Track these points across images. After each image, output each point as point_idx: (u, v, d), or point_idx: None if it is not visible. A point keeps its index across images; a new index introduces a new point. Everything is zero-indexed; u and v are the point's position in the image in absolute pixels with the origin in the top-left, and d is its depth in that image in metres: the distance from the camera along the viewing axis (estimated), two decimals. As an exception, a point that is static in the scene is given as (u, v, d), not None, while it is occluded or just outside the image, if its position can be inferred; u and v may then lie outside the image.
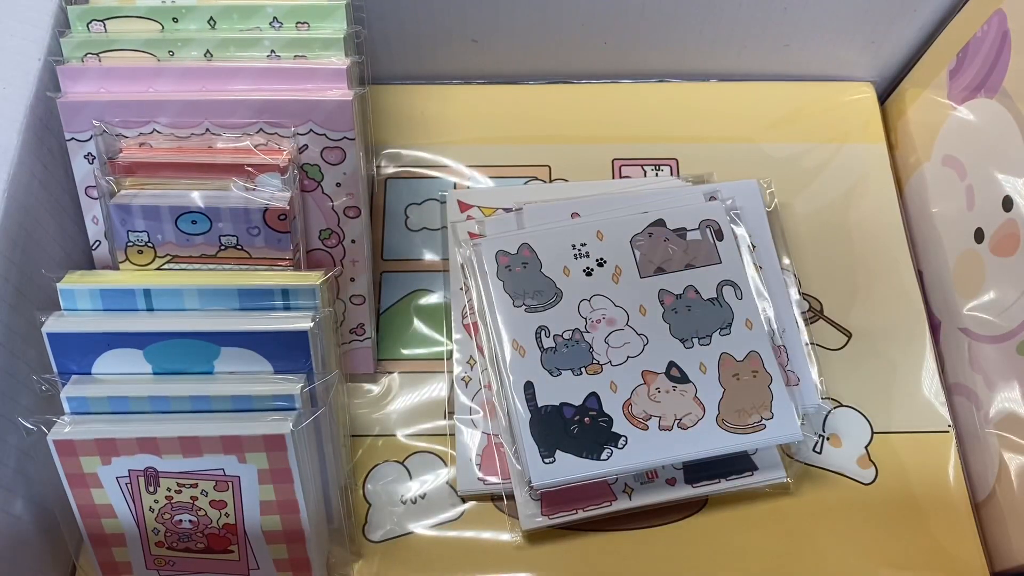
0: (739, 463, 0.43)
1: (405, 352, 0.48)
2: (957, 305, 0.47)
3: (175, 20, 0.41)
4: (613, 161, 0.53)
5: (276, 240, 0.40)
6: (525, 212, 0.47)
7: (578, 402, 0.42)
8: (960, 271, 0.47)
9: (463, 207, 0.49)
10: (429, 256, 0.50)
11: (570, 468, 0.41)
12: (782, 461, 0.43)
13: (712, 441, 0.41)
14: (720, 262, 0.44)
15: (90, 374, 0.38)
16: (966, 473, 0.45)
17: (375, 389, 0.47)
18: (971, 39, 0.47)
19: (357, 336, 0.47)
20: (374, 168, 0.53)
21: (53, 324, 0.37)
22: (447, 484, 0.45)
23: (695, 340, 0.43)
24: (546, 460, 0.41)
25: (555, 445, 0.41)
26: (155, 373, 0.38)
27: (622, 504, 0.42)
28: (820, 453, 0.45)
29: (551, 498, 0.42)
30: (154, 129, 0.40)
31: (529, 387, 0.42)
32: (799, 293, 0.48)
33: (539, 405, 0.42)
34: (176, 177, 0.40)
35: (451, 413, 0.46)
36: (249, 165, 0.39)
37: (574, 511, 0.42)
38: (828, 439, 0.46)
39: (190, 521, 0.38)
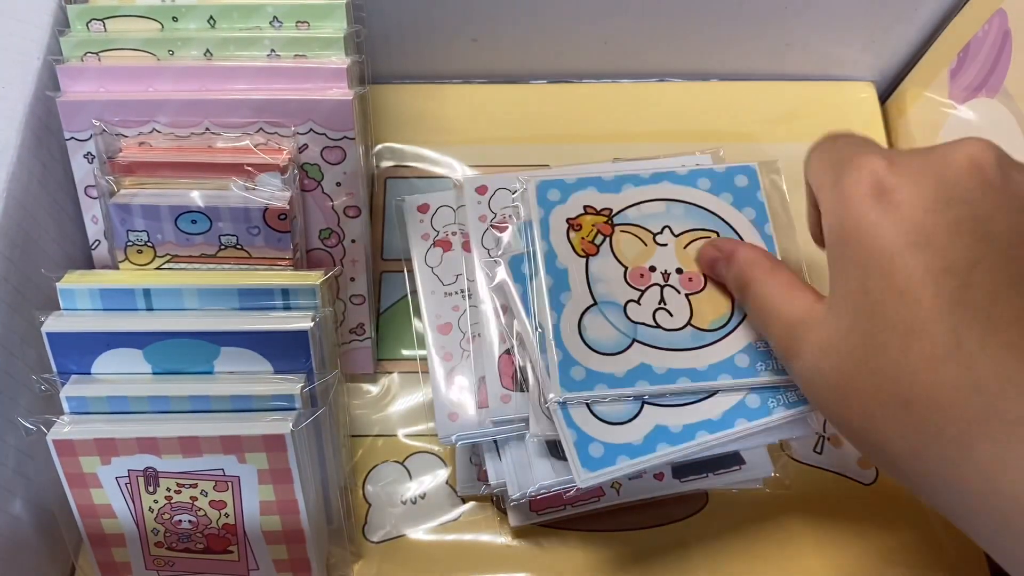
0: (728, 459, 0.42)
1: (405, 352, 0.48)
2: (958, 305, 0.46)
3: (175, 19, 0.41)
4: (614, 160, 0.53)
5: (276, 240, 0.40)
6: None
7: None
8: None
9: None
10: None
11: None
12: (770, 457, 0.43)
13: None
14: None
15: (90, 374, 0.38)
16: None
17: (375, 389, 0.47)
18: (972, 39, 0.47)
19: (357, 336, 0.47)
20: (374, 167, 0.53)
21: (52, 324, 0.37)
22: (447, 484, 0.45)
23: None
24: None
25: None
26: (155, 373, 0.38)
27: (610, 500, 0.42)
28: (820, 453, 0.45)
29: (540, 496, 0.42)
30: (154, 128, 0.40)
31: None
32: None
33: None
34: (176, 176, 0.40)
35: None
36: (249, 164, 0.39)
37: (562, 507, 0.42)
38: (828, 439, 0.45)
39: (190, 521, 0.38)
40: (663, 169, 0.40)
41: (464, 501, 0.44)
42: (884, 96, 0.56)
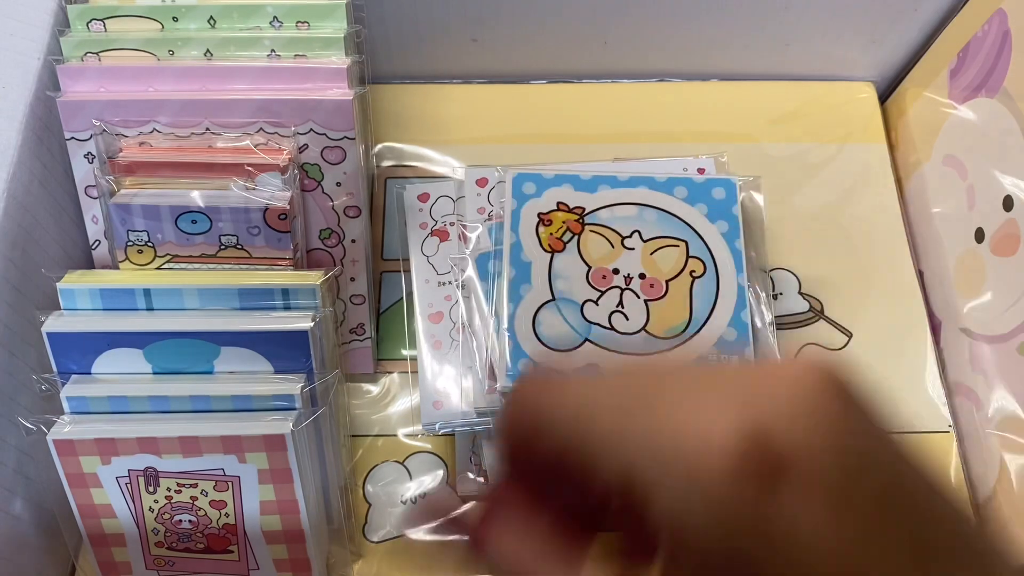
0: None
1: (405, 352, 0.48)
2: (958, 305, 0.47)
3: (175, 19, 0.41)
4: (614, 160, 0.53)
5: (276, 240, 0.40)
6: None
7: None
8: (961, 271, 0.47)
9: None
10: (429, 256, 0.50)
11: None
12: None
13: None
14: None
15: (90, 374, 0.38)
16: (967, 474, 0.45)
17: (375, 389, 0.47)
18: (972, 39, 0.47)
19: (357, 336, 0.47)
20: (374, 167, 0.53)
21: (53, 324, 0.37)
22: (447, 484, 0.45)
23: None
24: None
25: None
26: (155, 373, 0.38)
27: None
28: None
29: None
30: (154, 128, 0.40)
31: None
32: (799, 293, 0.48)
33: None
34: (176, 176, 0.40)
35: (451, 413, 0.46)
36: (249, 164, 0.39)
37: None
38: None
39: (190, 521, 0.38)
40: (642, 174, 0.40)
41: (464, 501, 0.44)
42: (884, 96, 0.56)
